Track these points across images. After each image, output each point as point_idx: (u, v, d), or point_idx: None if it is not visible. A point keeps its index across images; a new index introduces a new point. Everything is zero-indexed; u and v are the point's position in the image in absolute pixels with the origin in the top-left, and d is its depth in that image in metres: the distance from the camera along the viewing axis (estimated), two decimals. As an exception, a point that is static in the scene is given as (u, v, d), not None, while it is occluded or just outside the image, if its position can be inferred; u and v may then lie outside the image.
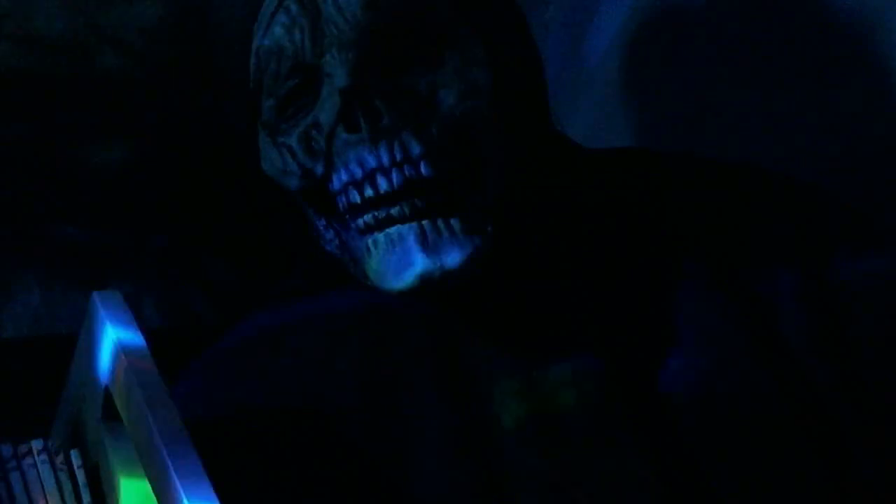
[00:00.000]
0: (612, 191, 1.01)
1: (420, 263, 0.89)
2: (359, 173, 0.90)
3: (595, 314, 0.96)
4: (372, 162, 0.90)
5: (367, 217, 0.91)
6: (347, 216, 0.93)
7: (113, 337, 0.89)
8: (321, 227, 0.96)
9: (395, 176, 0.90)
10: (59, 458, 0.91)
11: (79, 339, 0.96)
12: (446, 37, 0.93)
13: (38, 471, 0.90)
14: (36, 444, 0.91)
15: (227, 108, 1.24)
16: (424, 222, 0.90)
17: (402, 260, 0.90)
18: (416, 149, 0.90)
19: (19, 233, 1.27)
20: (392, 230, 0.91)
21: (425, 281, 0.89)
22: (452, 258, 0.89)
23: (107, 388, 0.90)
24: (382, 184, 0.90)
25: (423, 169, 0.90)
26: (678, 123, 1.31)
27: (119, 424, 0.90)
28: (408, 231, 0.90)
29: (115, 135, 1.30)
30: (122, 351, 0.88)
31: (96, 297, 0.93)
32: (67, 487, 0.90)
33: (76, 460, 0.91)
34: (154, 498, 0.84)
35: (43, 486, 0.89)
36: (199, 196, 1.32)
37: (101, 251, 1.29)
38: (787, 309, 0.94)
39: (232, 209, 1.32)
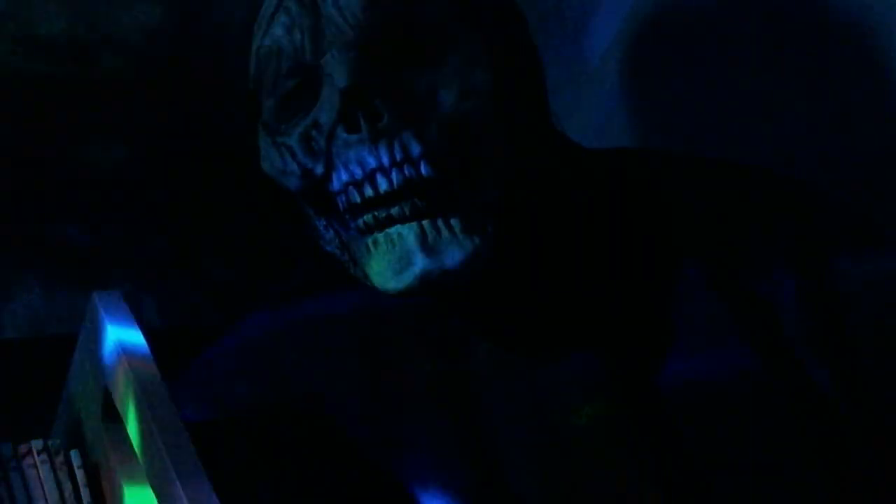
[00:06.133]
0: (613, 191, 1.01)
1: (420, 263, 0.89)
2: (359, 173, 0.90)
3: (595, 314, 0.96)
4: (372, 162, 0.90)
5: (367, 217, 0.91)
6: (347, 216, 0.93)
7: (113, 337, 0.89)
8: (321, 227, 0.96)
9: (395, 176, 0.90)
10: (59, 458, 0.91)
11: (79, 339, 0.96)
12: (446, 37, 0.93)
13: (38, 471, 0.90)
14: (36, 444, 0.91)
15: (226, 108, 1.24)
16: (424, 222, 0.90)
17: (402, 260, 0.90)
18: (416, 149, 0.90)
19: (19, 233, 1.27)
20: (392, 230, 0.91)
21: (425, 281, 0.89)
22: (452, 258, 0.89)
23: (107, 388, 0.91)
24: (382, 184, 0.90)
25: (423, 169, 0.90)
26: (678, 123, 1.31)
27: (119, 424, 0.90)
28: (408, 231, 0.90)
29: (114, 135, 1.30)
30: (122, 351, 0.88)
31: (96, 297, 0.93)
32: (67, 487, 0.90)
33: (76, 460, 0.91)
34: (154, 498, 0.84)
35: (43, 486, 0.89)
36: (199, 196, 1.32)
37: (101, 251, 1.29)
38: (787, 309, 0.94)
39: (232, 209, 1.32)
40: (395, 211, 0.90)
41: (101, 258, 1.29)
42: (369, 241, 0.92)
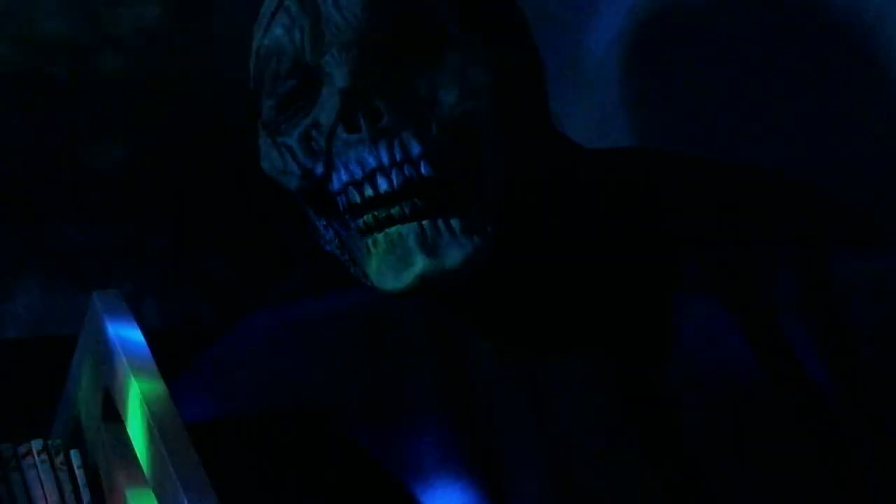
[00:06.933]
0: (612, 191, 1.01)
1: (420, 263, 0.89)
2: (359, 173, 0.90)
3: (595, 314, 0.96)
4: (372, 162, 0.90)
5: (367, 217, 0.91)
6: (347, 216, 0.93)
7: (113, 337, 0.89)
8: (321, 227, 0.96)
9: (395, 176, 0.90)
10: (59, 458, 0.91)
11: (79, 339, 0.96)
12: (446, 37, 0.93)
13: (38, 471, 0.90)
14: (36, 444, 0.91)
15: (226, 108, 1.24)
16: (424, 222, 0.90)
17: (402, 260, 0.90)
18: (416, 149, 0.90)
19: (19, 233, 1.27)
20: (392, 230, 0.91)
21: (425, 281, 0.89)
22: (452, 258, 0.89)
23: (107, 388, 0.91)
24: (382, 184, 0.90)
25: (423, 169, 0.90)
26: (678, 123, 1.31)
27: (119, 424, 0.90)
28: (408, 231, 0.90)
29: (115, 135, 1.30)
30: (122, 351, 0.88)
31: (96, 297, 0.93)
32: (67, 487, 0.90)
33: (76, 460, 0.91)
34: (154, 498, 0.84)
35: (43, 486, 0.89)
36: (199, 196, 1.32)
37: (101, 251, 1.29)
38: (787, 308, 0.94)
39: (232, 209, 1.32)
40: (395, 211, 0.90)
41: (101, 258, 1.29)
42: (369, 241, 0.92)
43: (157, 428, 0.83)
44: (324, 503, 0.96)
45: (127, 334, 0.90)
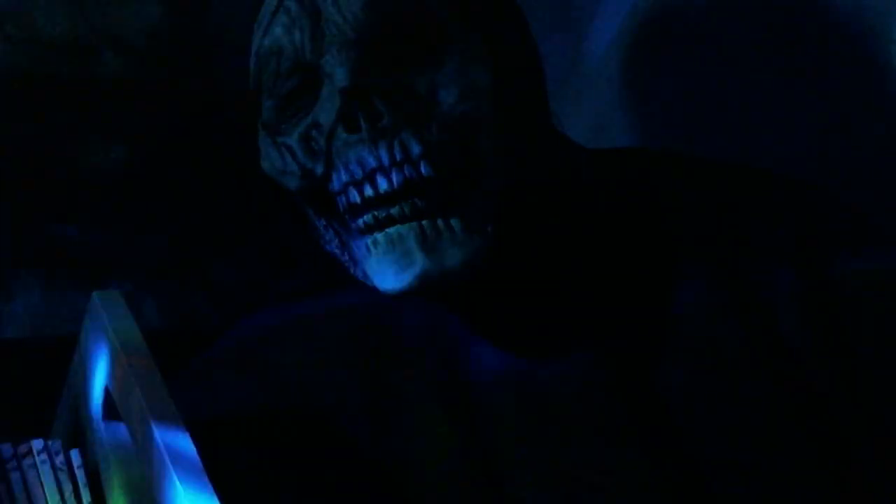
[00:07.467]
0: (612, 191, 1.01)
1: (420, 263, 0.89)
2: (359, 173, 0.90)
3: (595, 314, 0.96)
4: (372, 162, 0.90)
5: (367, 217, 0.91)
6: (347, 216, 0.93)
7: (113, 337, 0.89)
8: (321, 227, 0.96)
9: (394, 176, 0.90)
10: (59, 458, 0.91)
11: (79, 339, 0.96)
12: (446, 37, 0.93)
13: (38, 471, 0.90)
14: (36, 444, 0.91)
15: (227, 108, 1.24)
16: (424, 222, 0.90)
17: (402, 260, 0.90)
18: (415, 149, 0.90)
19: (19, 233, 1.27)
20: (392, 230, 0.91)
21: (425, 281, 0.89)
22: (452, 258, 0.89)
23: (107, 388, 0.91)
24: (382, 184, 0.90)
25: (422, 169, 0.90)
26: (678, 123, 1.31)
27: (119, 424, 0.90)
28: (408, 231, 0.90)
29: (115, 135, 1.30)
30: (122, 351, 0.88)
31: (96, 297, 0.93)
32: (67, 487, 0.90)
33: (76, 460, 0.91)
34: (154, 497, 0.84)
35: (43, 486, 0.89)
36: (199, 196, 1.32)
37: (101, 251, 1.29)
38: (787, 309, 0.94)
39: (232, 209, 1.32)
40: (395, 211, 0.90)
41: (101, 258, 1.29)
42: (369, 241, 0.92)
43: (157, 428, 0.83)
44: (324, 503, 0.97)
45: (127, 334, 0.90)
